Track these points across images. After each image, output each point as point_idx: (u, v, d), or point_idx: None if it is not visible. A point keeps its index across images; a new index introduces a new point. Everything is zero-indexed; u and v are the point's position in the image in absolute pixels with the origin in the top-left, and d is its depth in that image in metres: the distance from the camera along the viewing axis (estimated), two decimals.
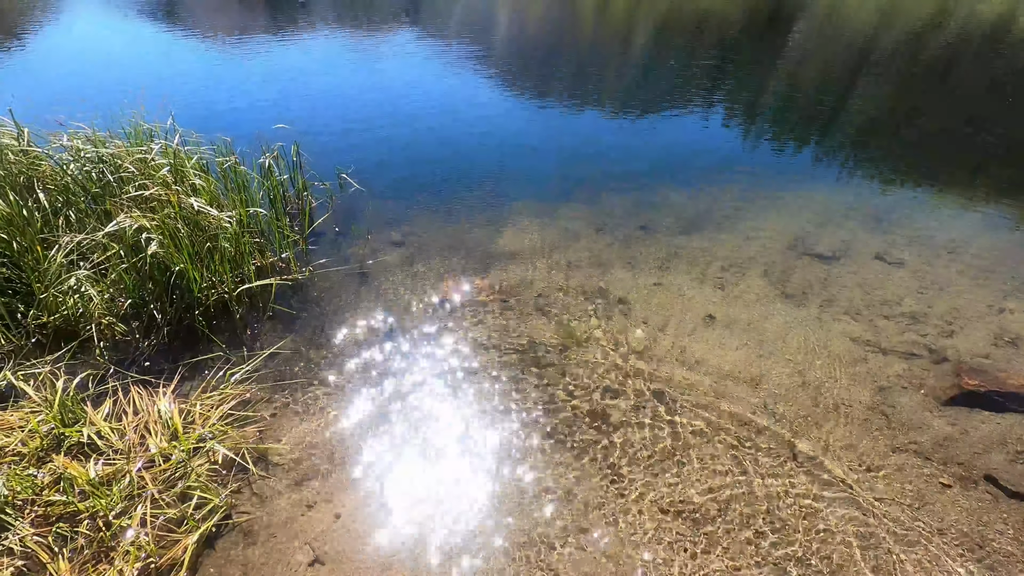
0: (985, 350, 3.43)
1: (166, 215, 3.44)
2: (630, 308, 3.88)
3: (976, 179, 6.39)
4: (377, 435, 2.76)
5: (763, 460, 2.65)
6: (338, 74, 11.52)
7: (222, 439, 2.63)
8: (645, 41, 17.42)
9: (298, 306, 3.78)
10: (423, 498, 2.44)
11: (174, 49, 14.47)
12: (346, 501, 2.42)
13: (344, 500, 2.42)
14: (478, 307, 3.82)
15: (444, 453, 2.68)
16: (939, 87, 11.23)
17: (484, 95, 10.13)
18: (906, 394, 3.07)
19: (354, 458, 2.62)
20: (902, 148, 7.64)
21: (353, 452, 2.65)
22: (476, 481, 2.54)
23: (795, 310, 3.88)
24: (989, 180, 6.36)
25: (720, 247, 4.71)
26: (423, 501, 2.43)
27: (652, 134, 7.99)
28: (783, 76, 12.15)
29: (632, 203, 5.55)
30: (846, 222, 5.18)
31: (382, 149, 6.95)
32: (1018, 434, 2.79)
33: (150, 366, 3.15)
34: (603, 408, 2.96)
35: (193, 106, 8.68)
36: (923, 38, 17.05)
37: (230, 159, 4.27)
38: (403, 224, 4.97)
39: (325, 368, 3.22)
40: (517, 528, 2.33)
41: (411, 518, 2.35)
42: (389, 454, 2.65)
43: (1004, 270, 4.34)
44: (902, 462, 2.63)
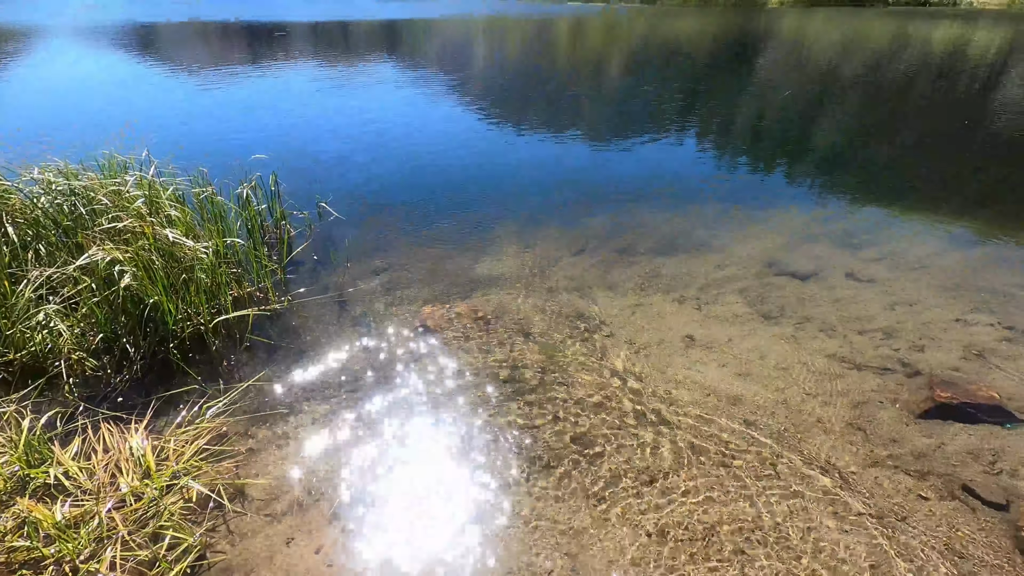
0: (955, 363, 3.52)
1: (140, 247, 3.39)
2: (611, 330, 3.91)
3: (940, 198, 6.63)
4: (358, 466, 2.71)
5: (746, 479, 2.65)
6: (316, 104, 11.60)
7: (197, 475, 2.55)
8: (619, 69, 17.92)
9: (276, 336, 3.72)
10: (406, 529, 2.39)
11: (151, 81, 14.45)
12: (327, 535, 2.35)
13: (325, 534, 2.36)
14: (459, 332, 3.81)
15: (427, 482, 2.63)
16: (900, 110, 11.71)
17: (462, 123, 10.27)
18: (882, 408, 3.12)
19: (335, 490, 2.57)
20: (868, 170, 7.91)
21: (334, 484, 2.60)
22: (460, 510, 2.50)
23: (772, 328, 3.94)
24: (952, 199, 6.60)
25: (697, 268, 4.79)
26: (406, 532, 2.38)
27: (628, 159, 8.17)
28: (753, 102, 12.56)
29: (610, 226, 5.63)
30: (818, 242, 5.31)
31: (361, 177, 6.98)
32: (991, 444, 2.85)
33: (122, 401, 3.06)
34: (586, 431, 2.95)
35: (170, 137, 8.65)
36: (884, 63, 17.82)
37: (207, 189, 4.24)
38: (383, 251, 4.97)
39: (304, 399, 3.16)
40: (504, 555, 2.29)
41: (394, 550, 2.30)
42: (371, 485, 2.60)
43: (970, 285, 4.48)
44: (881, 476, 2.66)
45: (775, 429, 2.98)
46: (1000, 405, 3.05)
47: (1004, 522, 2.42)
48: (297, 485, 2.59)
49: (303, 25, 34.67)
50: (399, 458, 2.77)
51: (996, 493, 2.54)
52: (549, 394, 3.23)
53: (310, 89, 13.42)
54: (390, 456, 2.78)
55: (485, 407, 3.13)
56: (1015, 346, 3.69)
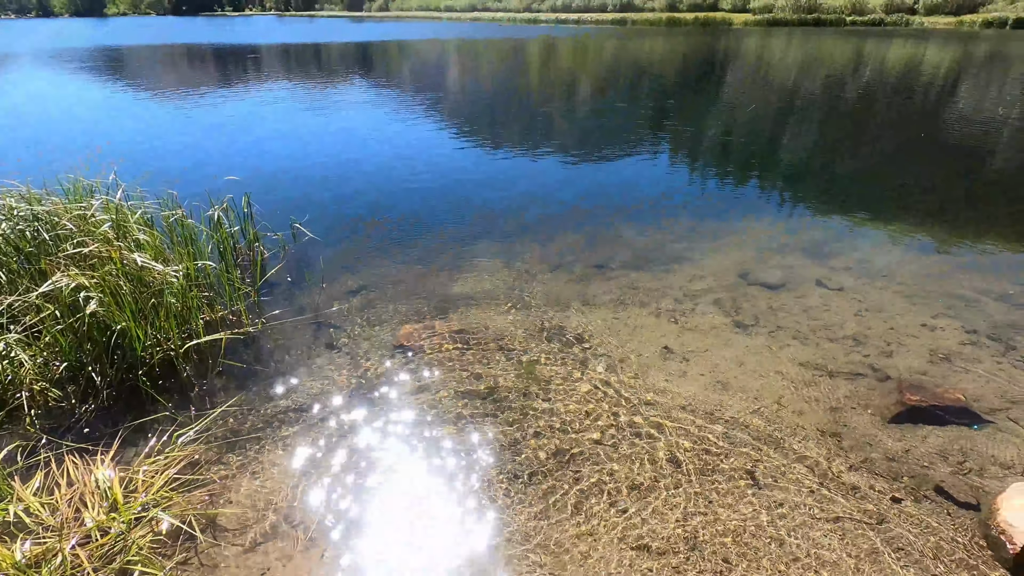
0: (922, 367, 3.61)
1: (107, 272, 3.31)
2: (589, 344, 3.92)
3: (902, 208, 6.87)
4: (336, 491, 2.65)
5: (726, 488, 2.67)
6: (289, 125, 11.55)
7: (167, 506, 2.47)
8: (591, 88, 18.26)
9: (250, 360, 3.65)
10: (386, 553, 2.34)
11: (118, 104, 14.23)
12: (304, 564, 2.29)
13: (302, 563, 2.29)
14: (437, 351, 3.79)
15: (406, 505, 2.59)
16: (861, 125, 12.14)
17: (436, 142, 10.33)
18: (855, 414, 3.18)
19: (312, 517, 2.50)
20: (833, 182, 8.16)
21: (310, 510, 2.53)
22: (440, 531, 2.45)
23: (747, 338, 4.01)
24: (913, 208, 6.84)
25: (672, 281, 4.85)
26: (386, 556, 2.33)
27: (602, 175, 8.29)
28: (721, 117, 12.91)
29: (586, 242, 5.69)
30: (788, 252, 5.44)
31: (336, 197, 6.94)
32: (960, 445, 2.92)
33: (88, 432, 2.96)
34: (567, 446, 2.94)
35: (139, 160, 8.51)
36: (845, 80, 18.52)
37: (176, 212, 4.17)
38: (359, 271, 4.93)
39: (279, 424, 3.09)
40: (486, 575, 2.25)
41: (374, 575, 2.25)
42: (350, 509, 2.55)
43: (933, 291, 4.63)
44: (856, 480, 2.70)
45: (753, 438, 3.01)
46: (966, 407, 3.13)
47: (974, 520, 2.47)
48: (272, 513, 2.52)
49: (275, 47, 34.65)
50: (378, 481, 2.72)
51: (966, 493, 2.59)
52: (529, 410, 3.22)
53: (283, 110, 13.36)
54: (369, 480, 2.72)
55: (464, 426, 3.10)
56: (977, 349, 3.81)
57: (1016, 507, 2.31)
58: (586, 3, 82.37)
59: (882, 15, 56.04)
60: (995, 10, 52.10)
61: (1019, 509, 2.29)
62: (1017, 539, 2.21)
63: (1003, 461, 2.82)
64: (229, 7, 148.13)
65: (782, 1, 61.31)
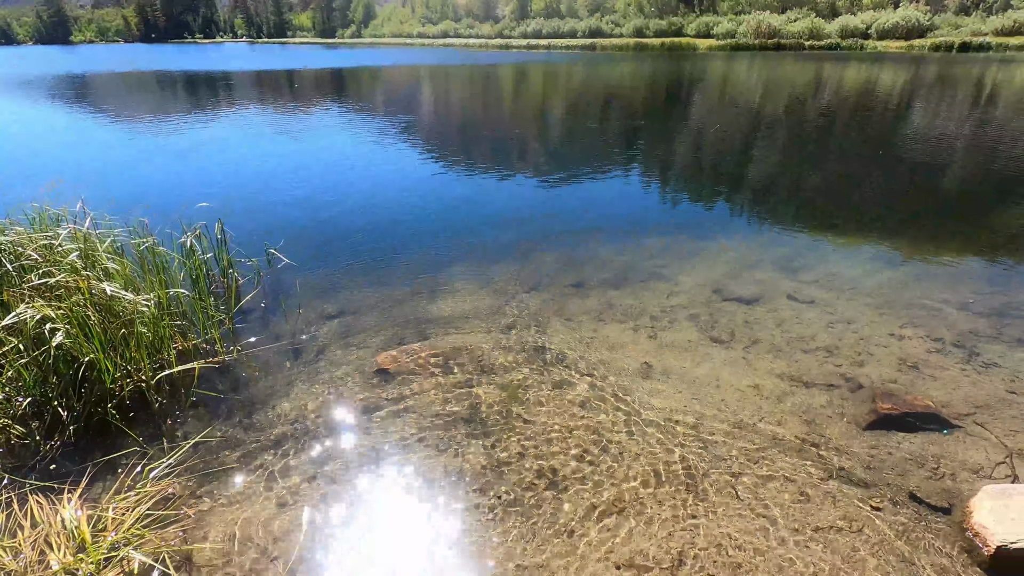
0: (893, 375, 3.72)
1: (74, 302, 3.22)
2: (570, 363, 3.94)
3: (866, 222, 7.11)
4: (316, 520, 2.59)
5: (709, 503, 2.68)
6: (263, 150, 11.48)
7: (139, 544, 2.37)
8: (563, 111, 18.62)
9: (225, 389, 3.56)
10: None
11: (87, 132, 13.97)
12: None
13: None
14: (417, 374, 3.76)
15: (388, 531, 2.54)
16: (823, 142, 12.61)
17: (411, 166, 10.37)
18: (831, 423, 3.25)
19: (291, 549, 2.43)
20: (799, 199, 8.43)
21: (290, 542, 2.46)
22: (424, 557, 2.41)
23: (724, 352, 4.07)
24: (877, 222, 7.09)
25: (649, 298, 4.92)
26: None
27: (577, 196, 8.42)
28: (690, 140, 13.27)
29: (563, 261, 5.74)
30: (760, 267, 5.58)
31: (312, 222, 6.90)
32: (932, 451, 3.00)
33: (54, 469, 2.84)
34: (551, 465, 2.93)
35: (108, 188, 8.34)
36: (804, 102, 19.25)
37: (147, 240, 4.09)
38: (336, 297, 4.89)
39: (256, 454, 3.02)
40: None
41: None
42: (330, 539, 2.48)
43: (900, 301, 4.78)
44: (835, 490, 2.75)
45: (733, 451, 3.04)
46: (935, 413, 3.23)
47: (949, 524, 2.53)
48: (250, 547, 2.45)
49: (248, 74, 34.56)
50: (358, 508, 2.66)
51: (940, 497, 2.66)
52: (510, 431, 3.21)
53: (255, 136, 13.28)
54: (349, 507, 2.67)
55: (446, 449, 3.07)
56: (943, 356, 3.94)
57: (988, 509, 2.37)
58: (556, 29, 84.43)
59: (838, 40, 58.64)
60: (941, 35, 55.07)
61: (991, 511, 2.36)
62: (991, 540, 2.27)
63: (973, 465, 2.90)
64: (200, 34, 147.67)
65: (743, 27, 63.78)
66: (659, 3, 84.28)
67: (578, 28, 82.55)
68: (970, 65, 34.59)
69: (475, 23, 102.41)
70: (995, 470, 2.85)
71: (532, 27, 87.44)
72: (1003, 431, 3.16)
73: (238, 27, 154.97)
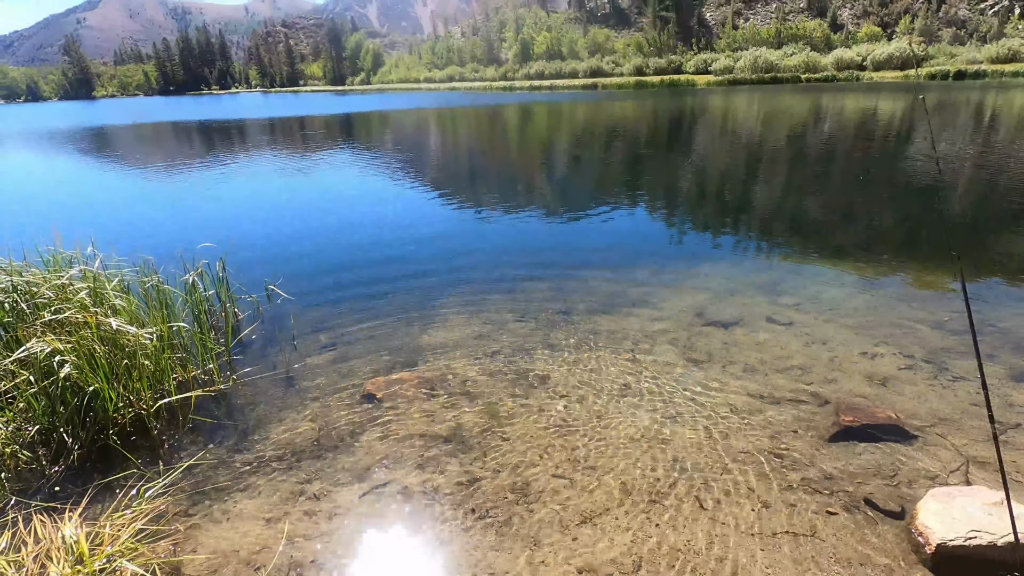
0: (861, 391, 3.84)
1: (82, 336, 3.47)
2: (551, 385, 4.10)
3: (847, 247, 7.29)
4: (300, 534, 2.74)
5: (673, 513, 2.81)
6: (269, 192, 11.96)
7: (132, 557, 2.54)
8: (560, 149, 19.17)
9: (221, 416, 3.77)
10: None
11: (102, 179, 14.63)
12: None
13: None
14: (404, 399, 3.94)
15: (369, 545, 2.68)
16: (809, 172, 12.89)
17: (411, 203, 10.76)
18: (796, 437, 3.37)
19: (276, 560, 2.58)
20: (786, 228, 8.64)
21: (275, 554, 2.62)
22: (403, 565, 2.55)
23: (700, 373, 4.22)
24: (858, 247, 7.27)
25: (632, 324, 5.10)
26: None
27: (568, 229, 8.70)
28: (684, 173, 13.62)
29: (552, 291, 5.95)
30: (742, 293, 5.75)
31: (311, 259, 7.20)
32: (889, 460, 3.11)
33: (58, 491, 3.03)
34: (525, 481, 3.07)
35: (119, 231, 8.75)
36: (802, 133, 19.68)
37: (152, 278, 4.37)
38: (331, 328, 5.12)
39: (246, 474, 3.19)
40: None
41: None
42: (313, 551, 2.63)
43: (873, 323, 4.92)
44: (795, 498, 2.86)
45: (701, 464, 3.17)
46: (898, 424, 3.34)
47: (899, 527, 2.63)
48: (235, 559, 2.60)
49: (257, 122, 35.92)
50: (339, 522, 2.81)
51: (893, 502, 2.76)
52: (489, 449, 3.36)
53: (264, 179, 13.83)
54: (330, 521, 2.82)
55: (426, 467, 3.23)
56: (912, 372, 4.06)
57: (933, 511, 2.48)
58: (558, 70, 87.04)
59: (834, 72, 59.91)
60: (937, 64, 56.13)
61: (935, 512, 2.47)
62: (932, 539, 2.37)
63: (929, 472, 3.00)
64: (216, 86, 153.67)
65: (741, 63, 65.45)
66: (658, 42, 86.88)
67: (579, 68, 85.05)
68: (967, 92, 35.15)
69: (479, 67, 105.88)
70: (950, 477, 2.95)
71: (535, 69, 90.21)
72: (962, 441, 3.26)
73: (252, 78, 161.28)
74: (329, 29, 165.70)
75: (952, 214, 8.69)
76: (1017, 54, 53.55)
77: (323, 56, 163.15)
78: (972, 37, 63.65)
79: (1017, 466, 3.04)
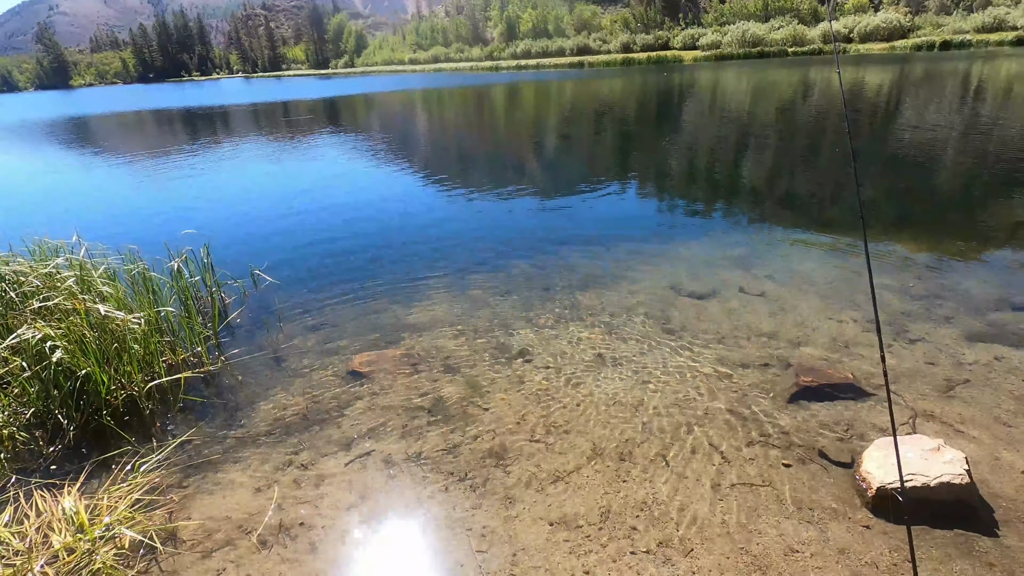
0: (824, 355, 4.03)
1: (71, 323, 3.58)
2: (530, 357, 4.27)
3: (817, 223, 7.47)
4: (288, 501, 2.90)
5: (640, 470, 2.99)
6: (252, 178, 11.95)
7: (130, 525, 2.70)
8: (546, 129, 19.16)
9: (210, 395, 3.91)
10: (334, 549, 2.60)
11: (86, 169, 14.51)
12: (257, 562, 2.53)
13: (255, 562, 2.53)
14: (388, 375, 4.09)
15: (352, 506, 2.85)
16: (797, 148, 13.03)
17: (395, 186, 10.81)
18: (759, 398, 3.56)
19: (266, 524, 2.75)
20: (762, 202, 8.80)
21: (264, 519, 2.78)
22: (382, 527, 2.72)
23: (673, 342, 4.40)
24: (826, 223, 7.45)
25: (610, 298, 5.26)
26: (334, 551, 2.58)
27: (551, 208, 8.81)
28: (666, 151, 13.71)
29: (534, 269, 6.09)
30: (717, 266, 5.92)
31: (295, 244, 7.29)
32: (844, 416, 3.31)
33: (56, 469, 3.18)
34: (502, 446, 3.25)
35: (104, 220, 8.77)
36: (790, 107, 19.77)
37: (138, 265, 4.47)
38: (317, 310, 5.24)
39: (236, 448, 3.35)
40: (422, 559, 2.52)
41: (322, 567, 2.50)
42: (301, 515, 2.80)
43: (840, 292, 5.11)
44: (754, 452, 3.06)
45: (669, 426, 3.36)
46: (854, 383, 3.54)
47: (847, 476, 2.83)
48: (227, 523, 2.77)
49: (240, 108, 35.45)
50: (327, 490, 2.98)
51: (844, 454, 2.96)
52: (470, 418, 3.53)
53: (247, 165, 13.79)
54: (319, 489, 2.99)
55: (410, 437, 3.39)
56: (873, 336, 4.25)
57: (875, 458, 2.68)
58: (544, 48, 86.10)
59: (820, 45, 59.67)
60: (923, 35, 56.07)
61: (877, 460, 2.67)
62: (873, 483, 2.57)
63: (881, 426, 3.21)
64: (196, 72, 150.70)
65: (728, 37, 65.02)
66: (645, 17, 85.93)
67: (566, 46, 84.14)
68: (955, 62, 35.23)
69: (464, 47, 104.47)
70: (899, 430, 3.15)
71: (521, 48, 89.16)
72: (913, 396, 3.47)
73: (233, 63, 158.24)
74: (310, 11, 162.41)
75: (933, 184, 8.88)
76: (1003, 22, 53.53)
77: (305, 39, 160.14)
78: (959, 6, 63.48)
79: (961, 417, 3.26)
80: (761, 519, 2.62)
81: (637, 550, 2.49)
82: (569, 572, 2.41)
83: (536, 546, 2.55)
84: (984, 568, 2.32)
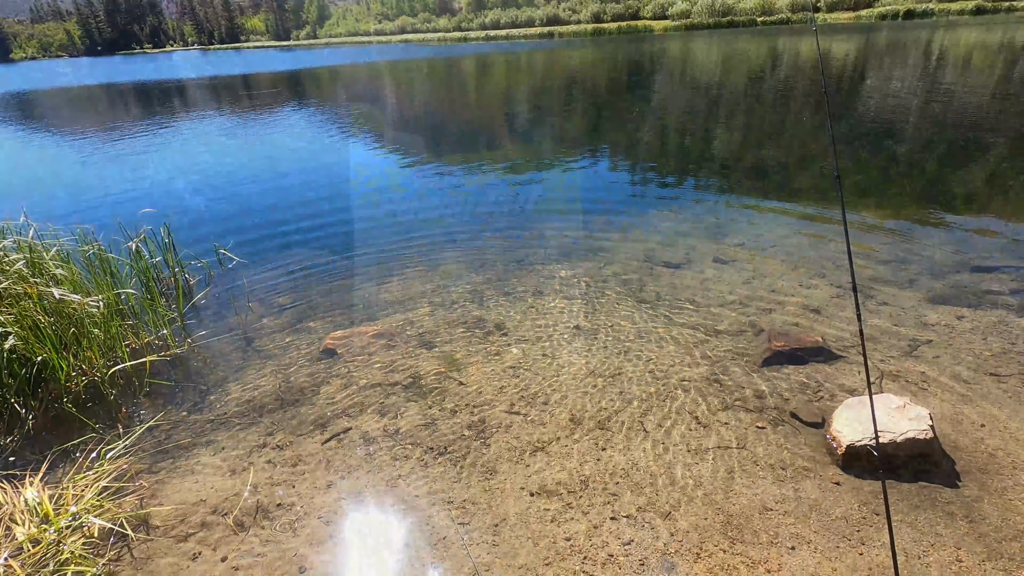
0: (795, 320, 4.11)
1: (23, 307, 3.40)
2: (506, 331, 4.24)
3: (787, 191, 7.56)
4: (262, 482, 2.85)
5: (618, 438, 3.02)
6: (213, 153, 11.50)
7: (98, 513, 2.61)
8: (517, 101, 18.87)
9: (178, 379, 3.79)
10: (310, 528, 2.56)
11: (32, 147, 13.74)
12: (232, 544, 2.48)
13: (230, 543, 2.49)
14: (363, 352, 4.02)
15: (328, 484, 2.81)
16: (767, 118, 13.12)
17: (361, 161, 10.53)
18: (733, 364, 3.62)
19: (240, 506, 2.69)
20: (732, 173, 8.86)
21: (238, 502, 2.72)
22: (362, 504, 2.69)
23: (648, 311, 4.42)
24: (795, 191, 7.55)
25: (586, 268, 5.25)
26: (310, 531, 2.55)
27: (525, 182, 8.71)
28: (637, 123, 13.65)
29: (509, 242, 6.04)
30: (691, 236, 5.95)
31: (261, 222, 7.06)
32: (814, 378, 3.39)
33: (15, 460, 3.05)
34: (480, 419, 3.24)
35: (53, 200, 8.35)
36: (758, 77, 19.83)
37: (93, 246, 4.26)
38: (287, 288, 5.11)
39: (208, 431, 3.26)
40: (403, 533, 2.51)
41: (298, 546, 2.46)
42: (276, 497, 2.75)
43: (810, 258, 5.20)
44: (729, 416, 3.11)
45: (646, 394, 3.39)
46: (823, 347, 3.62)
47: (818, 435, 2.91)
48: (202, 507, 2.70)
49: (197, 81, 33.94)
50: (304, 470, 2.93)
51: (815, 414, 3.04)
52: (447, 393, 3.50)
53: (206, 141, 13.25)
54: (295, 469, 2.94)
55: (387, 413, 3.35)
56: (842, 300, 4.35)
57: (844, 418, 2.76)
58: (514, 19, 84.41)
59: (788, 14, 59.91)
60: (888, 3, 56.73)
61: (846, 420, 2.74)
62: (843, 442, 2.65)
63: (849, 387, 3.30)
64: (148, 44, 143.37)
65: (698, 7, 64.71)
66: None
67: (535, 16, 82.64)
68: (918, 31, 35.78)
69: (432, 17, 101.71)
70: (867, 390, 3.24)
71: (490, 18, 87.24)
72: (880, 357, 3.57)
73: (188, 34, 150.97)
74: None
75: (903, 150, 9.06)
76: None
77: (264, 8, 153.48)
78: None
79: (924, 376, 3.37)
80: (737, 480, 2.67)
81: (618, 515, 2.52)
82: (551, 540, 2.43)
83: (518, 516, 2.56)
84: (947, 517, 2.42)
